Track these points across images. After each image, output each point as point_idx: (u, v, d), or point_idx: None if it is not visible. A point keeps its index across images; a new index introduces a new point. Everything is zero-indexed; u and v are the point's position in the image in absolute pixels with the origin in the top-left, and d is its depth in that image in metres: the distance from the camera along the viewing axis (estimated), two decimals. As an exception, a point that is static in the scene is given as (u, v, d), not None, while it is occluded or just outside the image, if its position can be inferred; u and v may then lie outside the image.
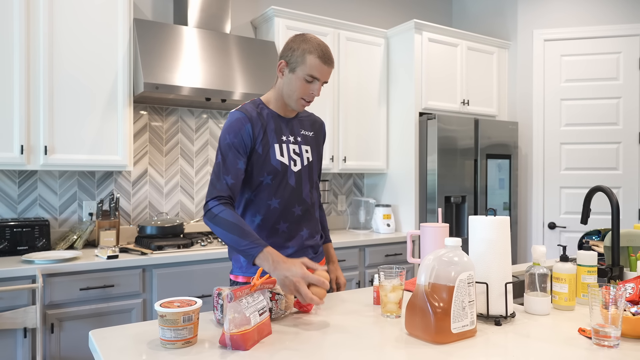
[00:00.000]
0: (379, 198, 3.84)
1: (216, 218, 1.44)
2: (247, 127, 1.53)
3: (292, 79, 1.54)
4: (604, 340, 1.13)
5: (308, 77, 1.52)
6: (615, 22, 3.73)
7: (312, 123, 1.73)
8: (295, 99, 1.56)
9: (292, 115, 1.67)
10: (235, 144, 1.52)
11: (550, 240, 3.81)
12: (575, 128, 3.77)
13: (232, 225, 1.41)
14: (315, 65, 1.51)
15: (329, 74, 1.56)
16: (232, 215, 1.43)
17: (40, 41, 2.46)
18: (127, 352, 1.10)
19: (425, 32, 3.54)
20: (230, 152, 1.51)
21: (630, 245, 1.78)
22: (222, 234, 1.43)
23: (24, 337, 2.18)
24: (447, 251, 1.22)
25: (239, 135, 1.52)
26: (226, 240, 1.43)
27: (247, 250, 1.38)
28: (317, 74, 1.52)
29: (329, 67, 1.54)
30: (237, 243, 1.40)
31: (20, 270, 2.16)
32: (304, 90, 1.54)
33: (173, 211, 3.14)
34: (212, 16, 3.00)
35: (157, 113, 3.10)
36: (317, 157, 1.72)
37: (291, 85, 1.55)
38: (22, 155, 2.41)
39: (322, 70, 1.53)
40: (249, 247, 1.38)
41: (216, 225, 1.44)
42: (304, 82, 1.53)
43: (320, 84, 1.55)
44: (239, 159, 1.52)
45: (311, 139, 1.70)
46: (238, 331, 1.11)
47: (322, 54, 1.52)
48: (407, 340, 1.18)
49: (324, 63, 1.52)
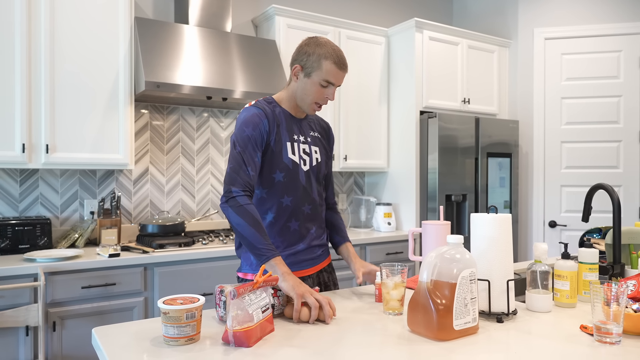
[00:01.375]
0: (379, 196, 3.85)
1: (241, 208, 1.44)
2: (264, 122, 1.54)
3: (308, 84, 1.55)
4: (606, 337, 1.14)
5: (324, 82, 1.54)
6: (615, 20, 3.73)
7: (320, 126, 1.75)
8: (309, 103, 1.58)
9: (302, 117, 1.69)
10: (254, 136, 1.52)
11: (550, 239, 3.81)
12: (576, 126, 3.77)
13: (256, 221, 1.43)
14: (331, 70, 1.53)
15: (343, 79, 1.60)
16: (256, 212, 1.45)
17: (42, 40, 2.46)
18: (130, 349, 1.10)
19: (426, 30, 3.54)
20: (250, 144, 1.51)
21: (632, 242, 1.79)
22: (242, 226, 1.42)
23: (26, 336, 2.18)
24: (449, 248, 1.22)
25: (257, 128, 1.52)
26: (245, 233, 1.42)
27: (264, 250, 1.40)
28: (332, 79, 1.54)
29: (344, 72, 1.57)
30: (257, 240, 1.41)
31: (22, 269, 2.16)
32: (319, 95, 1.56)
33: (174, 210, 3.15)
34: (213, 15, 3.00)
35: (158, 112, 3.10)
36: (325, 158, 1.72)
37: (306, 89, 1.56)
38: (23, 153, 2.42)
39: (337, 75, 1.55)
40: (268, 248, 1.41)
41: (239, 216, 1.43)
42: (319, 87, 1.55)
43: (335, 88, 1.58)
44: (257, 151, 1.52)
45: (319, 141, 1.71)
46: (241, 328, 1.11)
47: (337, 60, 1.54)
48: (410, 337, 1.19)
49: (340, 69, 1.55)
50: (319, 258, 1.69)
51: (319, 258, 1.70)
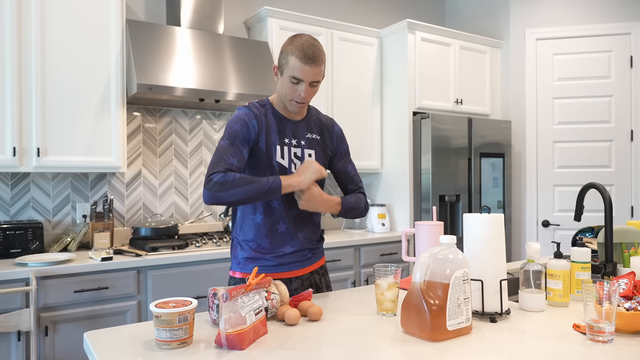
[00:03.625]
0: (373, 198, 3.85)
1: (224, 183, 1.43)
2: (253, 122, 1.56)
3: (282, 81, 1.56)
4: (598, 335, 1.14)
5: (293, 79, 1.52)
6: (606, 20, 3.75)
7: (321, 127, 1.71)
8: (288, 101, 1.57)
9: (300, 118, 1.66)
10: (243, 132, 1.53)
11: (544, 238, 3.83)
12: (568, 126, 3.79)
13: (244, 179, 1.45)
14: (296, 66, 1.50)
15: (313, 74, 1.51)
16: (240, 175, 1.46)
17: (32, 42, 2.45)
18: (122, 353, 1.09)
19: (418, 31, 3.55)
20: (237, 139, 1.52)
21: (623, 241, 1.80)
22: (239, 193, 1.43)
23: (18, 341, 2.17)
24: (442, 249, 1.22)
25: (246, 125, 1.54)
26: (247, 193, 1.44)
27: (272, 185, 1.46)
28: (298, 74, 1.50)
29: (312, 67, 1.50)
30: (261, 187, 1.45)
31: (14, 273, 2.14)
32: (291, 92, 1.54)
33: (167, 212, 3.13)
34: (205, 17, 3.00)
35: (151, 114, 3.08)
36: (323, 161, 1.69)
37: (282, 87, 1.56)
38: (14, 157, 2.40)
39: (303, 70, 1.49)
40: (272, 181, 1.46)
41: (228, 189, 1.43)
42: (290, 83, 1.53)
43: (307, 84, 1.52)
44: (244, 147, 1.53)
45: (317, 143, 1.68)
46: (234, 331, 1.10)
47: (302, 54, 1.48)
48: (403, 338, 1.19)
49: (305, 63, 1.49)
50: (308, 260, 1.68)
51: (309, 260, 1.69)
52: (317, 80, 1.53)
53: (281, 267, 1.62)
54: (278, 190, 1.47)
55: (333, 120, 1.77)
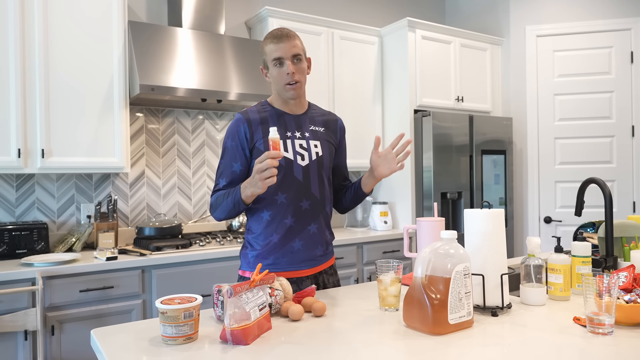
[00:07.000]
0: (375, 196, 3.86)
1: (212, 205, 1.62)
2: (243, 127, 1.61)
3: (270, 74, 1.63)
4: (599, 328, 1.15)
5: (275, 63, 1.58)
6: (606, 16, 3.76)
7: (325, 120, 1.73)
8: (282, 89, 1.61)
9: (301, 112, 1.69)
10: (233, 146, 1.62)
11: (546, 235, 3.83)
12: (569, 123, 3.80)
13: (221, 197, 1.59)
14: (271, 49, 1.58)
15: (289, 48, 1.57)
16: (220, 193, 1.60)
17: (36, 45, 2.47)
18: (129, 350, 1.11)
19: (418, 29, 3.56)
20: (227, 155, 1.63)
21: (624, 235, 1.81)
22: (222, 210, 1.59)
23: (25, 340, 2.19)
24: (443, 244, 1.24)
25: (235, 137, 1.61)
26: (225, 210, 1.58)
27: (237, 197, 1.53)
28: (276, 54, 1.57)
29: (286, 43, 1.56)
30: (232, 201, 1.55)
31: (20, 273, 2.17)
32: (281, 77, 1.59)
33: (171, 212, 3.15)
34: (207, 17, 3.01)
35: (153, 115, 3.11)
36: (329, 152, 1.71)
37: (273, 78, 1.62)
38: (19, 158, 2.42)
39: (280, 48, 1.57)
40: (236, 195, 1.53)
41: (216, 210, 1.61)
42: (276, 69, 1.59)
43: (289, 62, 1.57)
44: (235, 161, 1.62)
45: (321, 135, 1.69)
46: (238, 326, 1.12)
47: (272, 37, 1.58)
48: (406, 332, 1.20)
49: (279, 42, 1.57)
50: (319, 259, 1.68)
51: (320, 259, 1.68)
52: (296, 53, 1.58)
53: (292, 267, 1.62)
54: (241, 202, 1.54)
55: (336, 115, 1.80)
